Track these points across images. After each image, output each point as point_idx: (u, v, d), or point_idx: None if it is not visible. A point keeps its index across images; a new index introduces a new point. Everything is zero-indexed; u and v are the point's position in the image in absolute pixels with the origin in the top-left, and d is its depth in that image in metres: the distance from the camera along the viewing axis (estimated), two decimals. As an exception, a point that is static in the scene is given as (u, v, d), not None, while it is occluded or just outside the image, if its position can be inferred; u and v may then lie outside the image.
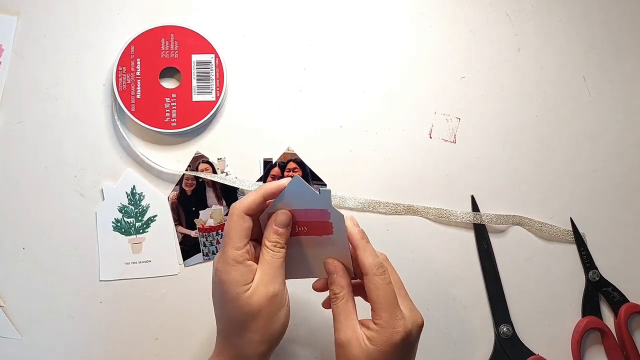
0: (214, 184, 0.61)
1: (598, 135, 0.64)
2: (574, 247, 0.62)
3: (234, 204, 0.49)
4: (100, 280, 0.60)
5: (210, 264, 0.60)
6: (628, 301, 0.61)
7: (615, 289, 0.61)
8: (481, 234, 0.61)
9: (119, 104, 0.60)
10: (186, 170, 0.61)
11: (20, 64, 0.61)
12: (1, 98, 0.61)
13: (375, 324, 0.47)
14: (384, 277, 0.47)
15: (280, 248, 0.49)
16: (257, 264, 0.48)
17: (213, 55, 0.61)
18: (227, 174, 0.61)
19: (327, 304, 0.53)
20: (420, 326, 0.48)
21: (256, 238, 0.50)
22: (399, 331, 0.46)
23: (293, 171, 0.61)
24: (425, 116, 0.63)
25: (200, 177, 0.61)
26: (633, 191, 0.63)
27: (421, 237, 0.62)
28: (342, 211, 0.61)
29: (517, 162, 0.63)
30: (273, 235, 0.49)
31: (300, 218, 0.50)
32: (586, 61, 0.64)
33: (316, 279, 0.52)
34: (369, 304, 0.47)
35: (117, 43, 0.61)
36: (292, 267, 0.51)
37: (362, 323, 0.48)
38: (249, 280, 0.47)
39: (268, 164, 0.61)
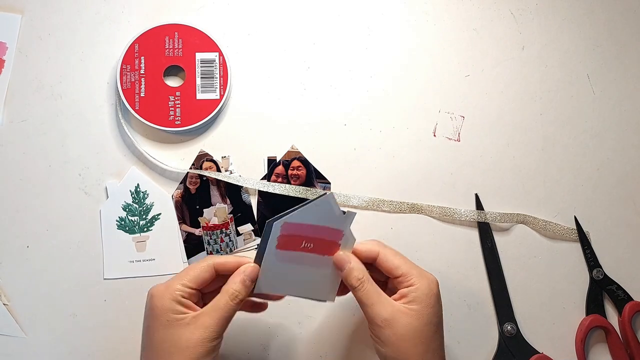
0: (218, 182, 0.61)
1: (602, 133, 0.64)
2: (578, 245, 0.62)
3: (212, 255, 0.49)
4: (105, 279, 0.60)
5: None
6: (632, 299, 0.61)
7: (619, 287, 0.61)
8: (485, 232, 0.61)
9: (123, 102, 0.60)
10: (190, 168, 0.61)
11: (24, 62, 0.61)
12: (5, 96, 0.61)
13: (408, 286, 0.49)
14: (390, 248, 0.51)
15: (239, 300, 0.48)
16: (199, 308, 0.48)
17: (217, 54, 0.61)
18: (231, 172, 0.61)
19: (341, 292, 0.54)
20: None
21: (205, 292, 0.51)
22: (432, 280, 0.50)
23: (297, 170, 0.61)
24: (429, 114, 0.63)
25: (205, 176, 0.61)
26: (637, 189, 0.63)
27: (425, 235, 0.62)
28: (345, 209, 0.62)
29: (521, 161, 0.63)
30: (238, 285, 0.48)
31: (310, 234, 0.50)
32: (590, 59, 0.64)
33: (304, 298, 0.52)
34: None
35: (121, 41, 0.61)
36: (282, 282, 0.51)
37: (395, 298, 0.49)
38: (182, 312, 0.47)
39: (272, 162, 0.61)
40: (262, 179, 0.61)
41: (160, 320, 0.47)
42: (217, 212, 0.61)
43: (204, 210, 0.61)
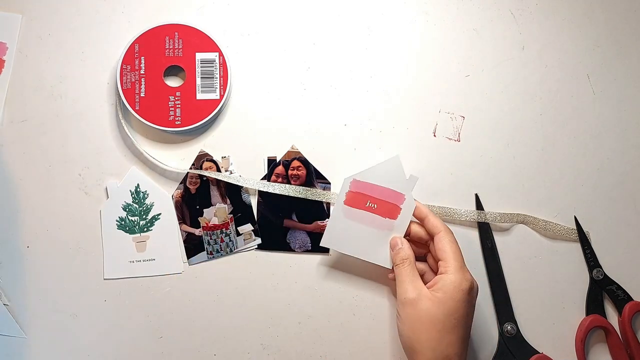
0: (218, 182, 0.61)
1: (602, 133, 0.64)
2: (578, 245, 0.62)
3: (402, 260, 0.56)
4: (105, 279, 0.60)
5: (213, 262, 0.60)
6: (632, 299, 0.61)
7: (619, 287, 0.61)
8: (485, 232, 0.61)
9: (123, 102, 0.60)
10: (190, 168, 0.61)
11: (24, 62, 0.61)
12: (5, 96, 0.61)
13: (444, 272, 0.53)
14: (452, 236, 0.55)
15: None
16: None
17: (217, 54, 0.61)
18: (231, 173, 0.61)
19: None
20: (477, 287, 0.54)
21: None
22: (467, 278, 0.53)
23: (297, 170, 0.61)
24: (429, 115, 0.63)
25: (205, 176, 0.61)
26: (637, 189, 0.63)
27: (425, 235, 0.62)
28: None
29: (521, 161, 0.63)
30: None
31: (375, 194, 0.56)
32: (590, 59, 0.64)
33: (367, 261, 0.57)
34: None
35: (122, 41, 0.61)
36: (346, 240, 0.57)
37: (428, 286, 0.53)
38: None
39: (272, 163, 0.61)
40: (262, 179, 0.61)
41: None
42: (217, 212, 0.61)
43: (204, 210, 0.61)
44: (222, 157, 0.61)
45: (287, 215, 0.61)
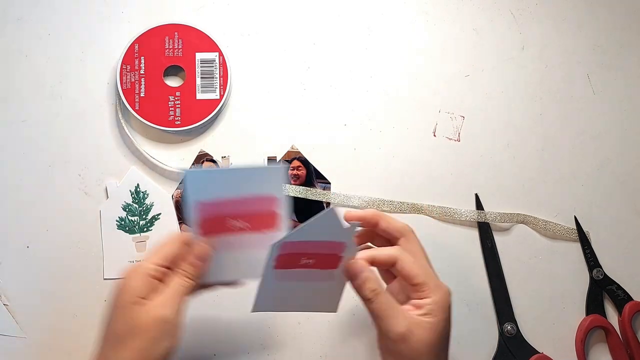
0: (218, 182, 0.61)
1: (602, 133, 0.64)
2: (578, 245, 0.62)
3: (180, 233, 0.48)
4: (105, 279, 0.60)
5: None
6: (632, 299, 0.61)
7: (619, 287, 0.61)
8: (485, 232, 0.61)
9: (123, 102, 0.60)
10: (190, 168, 0.61)
11: (24, 62, 0.61)
12: (6, 96, 0.61)
13: (425, 297, 0.46)
14: (407, 253, 0.47)
15: (188, 279, 0.46)
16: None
17: (217, 54, 0.61)
18: (231, 173, 0.61)
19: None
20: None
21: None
22: (446, 291, 0.47)
23: (297, 170, 0.61)
24: (429, 114, 0.63)
25: (205, 176, 0.61)
26: (637, 189, 0.63)
27: (425, 235, 0.61)
28: (346, 209, 0.62)
29: (521, 161, 0.63)
30: (187, 265, 0.47)
31: (310, 250, 0.47)
32: (590, 60, 0.64)
33: (303, 312, 0.51)
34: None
35: (121, 41, 0.61)
36: (282, 300, 0.49)
37: (408, 309, 0.46)
38: (145, 294, 0.45)
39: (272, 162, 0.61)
40: (262, 179, 0.61)
41: (121, 301, 0.45)
42: (217, 212, 0.61)
43: (204, 210, 0.61)
44: (222, 157, 0.61)
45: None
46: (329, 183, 0.62)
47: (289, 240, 0.46)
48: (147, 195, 0.61)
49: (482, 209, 0.62)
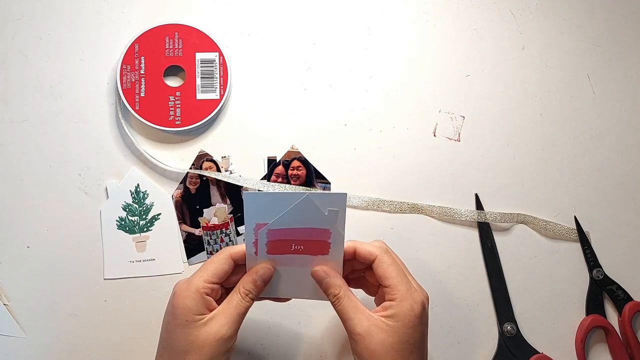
0: (218, 182, 0.61)
1: (602, 133, 0.64)
2: (578, 245, 0.62)
3: (227, 247, 0.51)
4: (105, 279, 0.60)
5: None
6: (632, 299, 0.61)
7: (619, 287, 0.61)
8: (485, 232, 0.61)
9: (123, 102, 0.60)
10: (190, 168, 0.61)
11: (24, 62, 0.61)
12: (6, 96, 0.61)
13: (392, 300, 0.48)
14: (390, 255, 0.49)
15: (250, 299, 0.49)
16: (218, 304, 0.49)
17: (217, 54, 0.61)
18: (231, 172, 0.61)
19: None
20: (428, 299, 0.50)
21: (228, 286, 0.51)
22: (417, 301, 0.48)
23: (297, 170, 0.61)
24: (429, 114, 0.63)
25: (205, 176, 0.61)
26: (637, 189, 0.63)
27: (425, 235, 0.62)
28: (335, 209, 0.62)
29: (521, 161, 0.63)
30: (249, 284, 0.49)
31: (298, 237, 0.49)
32: (590, 60, 0.64)
33: (304, 299, 0.53)
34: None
35: (121, 41, 0.61)
36: (280, 286, 0.51)
37: (375, 311, 0.48)
38: (202, 312, 0.48)
39: (272, 163, 0.61)
40: (262, 179, 0.61)
41: (179, 320, 0.47)
42: (217, 212, 0.61)
43: (204, 210, 0.61)
44: (222, 157, 0.61)
45: (287, 215, 0.61)
46: (329, 183, 0.62)
47: (273, 227, 0.48)
48: (147, 195, 0.61)
49: (482, 209, 0.62)
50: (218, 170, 0.61)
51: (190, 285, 0.48)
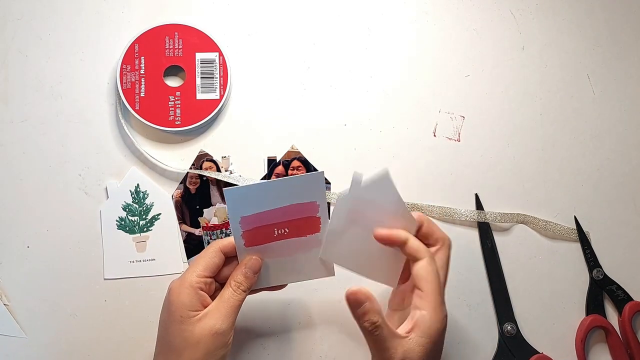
0: (218, 182, 0.61)
1: (602, 133, 0.64)
2: (578, 245, 0.62)
3: (216, 240, 0.51)
4: (105, 279, 0.60)
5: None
6: (632, 299, 0.61)
7: (619, 287, 0.61)
8: (485, 232, 0.61)
9: (123, 102, 0.60)
10: (190, 168, 0.61)
11: (24, 62, 0.61)
12: (6, 96, 0.61)
13: (422, 308, 0.46)
14: (436, 266, 0.48)
15: (242, 291, 0.49)
16: (212, 300, 0.49)
17: (217, 54, 0.61)
18: (231, 173, 0.61)
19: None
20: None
21: (221, 281, 0.51)
22: (445, 315, 0.48)
23: (297, 170, 0.61)
24: (429, 114, 0.63)
25: (205, 176, 0.61)
26: (637, 189, 0.63)
27: (425, 235, 0.62)
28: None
29: (521, 161, 0.63)
30: (240, 276, 0.49)
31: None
32: (590, 60, 0.64)
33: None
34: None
35: (121, 41, 0.61)
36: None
37: (404, 328, 0.47)
38: (197, 308, 0.48)
39: (272, 163, 0.61)
40: (262, 179, 0.61)
41: (174, 316, 0.47)
42: (217, 212, 0.61)
43: (204, 210, 0.61)
44: (222, 157, 0.61)
45: (287, 215, 0.61)
46: (329, 183, 0.62)
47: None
48: (147, 195, 0.61)
49: (482, 209, 0.62)
50: (218, 170, 0.61)
51: (183, 282, 0.48)
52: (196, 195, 0.61)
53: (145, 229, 0.60)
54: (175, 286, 0.48)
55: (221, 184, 0.61)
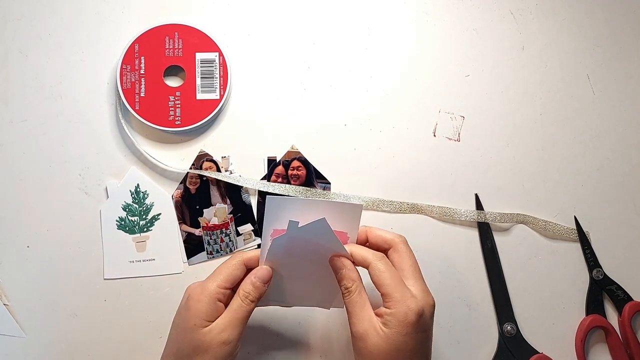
0: (218, 182, 0.61)
1: (602, 133, 0.64)
2: (578, 245, 0.62)
3: (241, 251, 0.52)
4: (105, 279, 0.60)
5: (213, 262, 0.60)
6: (632, 299, 0.61)
7: (619, 287, 0.61)
8: (485, 232, 0.61)
9: (123, 102, 0.60)
10: (190, 168, 0.61)
11: (24, 62, 0.61)
12: (6, 96, 0.61)
13: (387, 307, 0.47)
14: (385, 262, 0.49)
15: (250, 301, 0.49)
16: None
17: (217, 54, 0.61)
18: (231, 173, 0.61)
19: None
20: (433, 306, 0.49)
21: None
22: (412, 309, 0.47)
23: (297, 170, 0.61)
24: (429, 114, 0.63)
25: (204, 176, 0.61)
26: (637, 189, 0.63)
27: (425, 235, 0.62)
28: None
29: (521, 161, 0.63)
30: (248, 286, 0.50)
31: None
32: (590, 60, 0.64)
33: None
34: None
35: (121, 41, 0.61)
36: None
37: (376, 313, 0.48)
38: (212, 318, 0.49)
39: (272, 163, 0.61)
40: (262, 179, 0.61)
41: (189, 323, 0.48)
42: (217, 212, 0.61)
43: (204, 210, 0.61)
44: (222, 157, 0.61)
45: (287, 215, 0.61)
46: (329, 183, 0.62)
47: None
48: (147, 195, 0.61)
49: (482, 209, 0.62)
50: (218, 170, 0.61)
51: (204, 290, 0.49)
52: (196, 196, 0.61)
53: (145, 229, 0.60)
54: (196, 293, 0.49)
55: (221, 184, 0.61)
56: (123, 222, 0.60)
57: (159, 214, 0.61)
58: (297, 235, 0.49)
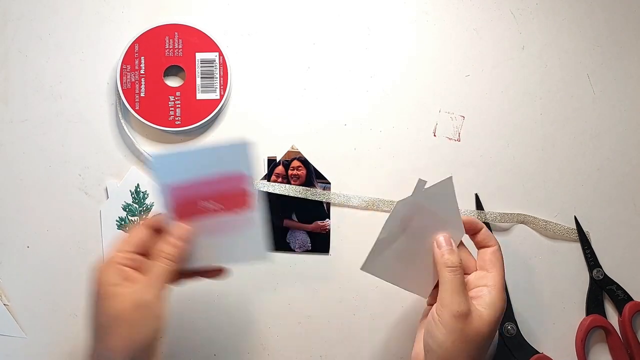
0: (218, 182, 0.61)
1: (602, 133, 0.63)
2: (578, 245, 0.62)
3: (148, 217, 0.48)
4: (105, 279, 0.60)
5: (214, 262, 0.60)
6: (632, 299, 0.61)
7: (619, 287, 0.61)
8: (485, 232, 0.61)
9: (123, 102, 0.60)
10: (190, 168, 0.61)
11: (24, 62, 0.61)
12: (6, 96, 0.61)
13: (488, 285, 0.49)
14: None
15: (167, 260, 0.47)
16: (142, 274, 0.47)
17: (217, 54, 0.61)
18: (231, 173, 0.61)
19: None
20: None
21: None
22: (505, 299, 0.50)
23: (297, 170, 0.61)
24: (429, 114, 0.63)
25: (205, 176, 0.61)
26: (637, 189, 0.63)
27: (425, 235, 0.62)
28: (345, 210, 0.61)
29: (521, 161, 0.63)
30: (163, 245, 0.47)
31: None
32: (590, 59, 0.64)
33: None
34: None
35: (121, 41, 0.61)
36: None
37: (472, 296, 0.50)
38: (118, 282, 0.45)
39: (272, 162, 0.61)
40: (262, 179, 0.61)
41: (98, 295, 0.45)
42: (217, 212, 0.61)
43: (204, 210, 0.61)
44: (222, 157, 0.61)
45: (287, 215, 0.61)
46: (329, 183, 0.62)
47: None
48: (147, 195, 0.61)
49: (482, 209, 0.62)
50: (218, 170, 0.61)
51: (107, 260, 0.47)
52: (196, 195, 0.61)
53: (145, 229, 0.60)
54: (99, 265, 0.46)
55: (221, 184, 0.61)
56: (123, 222, 0.60)
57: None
58: (420, 201, 0.47)
